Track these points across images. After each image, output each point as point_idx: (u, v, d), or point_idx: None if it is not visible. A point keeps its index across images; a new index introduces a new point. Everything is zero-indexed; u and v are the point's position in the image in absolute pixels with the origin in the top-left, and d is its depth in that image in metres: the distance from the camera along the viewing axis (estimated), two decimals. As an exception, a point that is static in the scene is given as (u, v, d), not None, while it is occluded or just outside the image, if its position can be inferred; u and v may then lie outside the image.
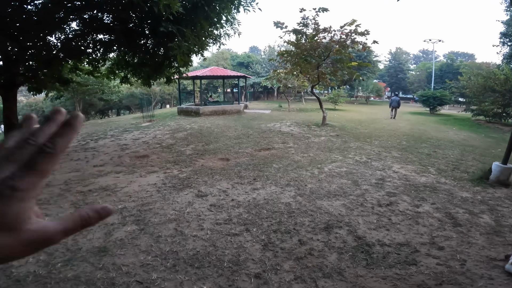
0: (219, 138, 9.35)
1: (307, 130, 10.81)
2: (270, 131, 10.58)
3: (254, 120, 13.78)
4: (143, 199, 4.46)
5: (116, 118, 22.14)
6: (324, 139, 9.10)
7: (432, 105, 22.58)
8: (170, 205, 4.25)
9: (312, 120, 13.59)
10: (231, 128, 11.41)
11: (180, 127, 12.35)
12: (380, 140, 9.28)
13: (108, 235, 3.60)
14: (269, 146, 8.09)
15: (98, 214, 0.30)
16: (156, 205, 4.27)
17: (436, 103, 22.45)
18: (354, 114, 19.25)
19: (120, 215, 4.02)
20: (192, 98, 23.27)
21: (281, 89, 20.34)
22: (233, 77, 17.95)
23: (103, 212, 0.31)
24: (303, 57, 10.60)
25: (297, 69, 11.65)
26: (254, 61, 37.28)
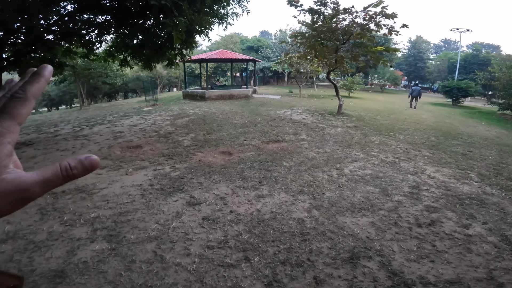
0: (223, 126, 8.43)
1: (321, 119, 9.74)
2: (280, 119, 9.57)
3: (262, 106, 12.75)
4: (122, 206, 3.64)
5: (121, 102, 21.46)
6: (341, 131, 8.05)
7: (456, 96, 20.93)
8: (154, 216, 3.42)
9: (326, 108, 12.45)
10: (237, 114, 10.45)
11: (182, 112, 11.46)
12: (405, 135, 8.16)
13: (71, 254, 2.82)
14: (278, 137, 7.13)
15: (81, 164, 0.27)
16: (137, 215, 3.44)
17: (460, 95, 20.80)
18: (371, 102, 17.90)
19: (91, 227, 3.23)
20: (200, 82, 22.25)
21: (292, 74, 19.03)
22: (242, 61, 16.74)
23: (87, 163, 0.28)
24: (319, 40, 9.38)
25: (312, 53, 10.44)
26: (264, 45, 35.56)
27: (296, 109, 11.78)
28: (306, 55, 10.88)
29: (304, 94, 19.84)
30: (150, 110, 12.97)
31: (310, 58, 11.14)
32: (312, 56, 10.76)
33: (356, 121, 9.65)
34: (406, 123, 10.08)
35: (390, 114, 12.38)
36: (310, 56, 10.78)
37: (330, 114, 10.71)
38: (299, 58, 11.48)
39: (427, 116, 12.89)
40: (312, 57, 10.80)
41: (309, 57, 10.72)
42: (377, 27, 8.88)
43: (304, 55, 10.98)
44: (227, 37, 36.48)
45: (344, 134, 7.67)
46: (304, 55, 10.92)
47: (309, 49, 10.28)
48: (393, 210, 3.73)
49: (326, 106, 13.17)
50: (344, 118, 9.97)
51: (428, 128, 9.56)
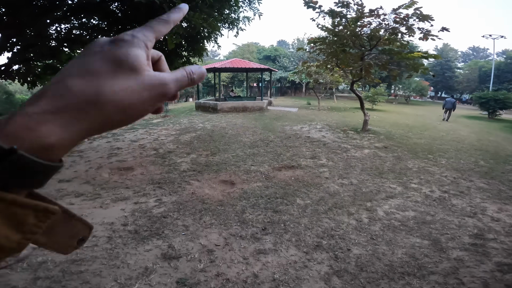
0: (231, 145, 7.46)
1: (344, 137, 8.52)
2: (296, 136, 8.46)
3: (277, 120, 11.71)
4: (79, 251, 2.70)
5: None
6: (369, 153, 6.80)
7: (492, 108, 18.87)
8: (114, 271, 2.45)
9: (348, 123, 11.19)
10: (249, 130, 9.47)
11: (191, 126, 10.67)
12: (448, 158, 6.77)
13: None
14: (293, 161, 6.02)
15: (199, 70, 0.31)
16: (93, 266, 2.50)
17: (497, 107, 18.75)
18: (397, 116, 16.33)
19: (32, 274, 2.34)
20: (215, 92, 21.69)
21: (311, 85, 17.94)
22: (256, 70, 15.93)
23: (202, 71, 0.32)
24: (341, 46, 8.29)
25: (333, 62, 9.35)
26: (282, 54, 34.86)
27: (314, 124, 10.62)
28: (326, 64, 9.79)
29: (323, 106, 18.61)
30: (159, 122, 12.34)
31: (330, 67, 10.03)
32: (333, 65, 9.65)
33: (385, 139, 8.32)
34: (444, 142, 8.61)
35: (423, 130, 10.88)
36: (330, 64, 9.68)
37: (354, 130, 9.44)
38: (318, 67, 10.40)
39: (466, 132, 11.24)
40: (333, 66, 9.69)
41: (329, 66, 9.62)
42: (409, 31, 7.67)
43: (323, 64, 9.89)
44: (244, 46, 36.25)
45: (372, 158, 6.41)
46: (323, 63, 9.84)
47: (329, 57, 9.20)
48: (452, 274, 2.53)
49: (348, 121, 11.90)
50: (371, 136, 8.67)
51: (471, 148, 8.06)
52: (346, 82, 16.71)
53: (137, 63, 0.26)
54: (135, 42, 0.27)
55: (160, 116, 14.17)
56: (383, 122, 12.16)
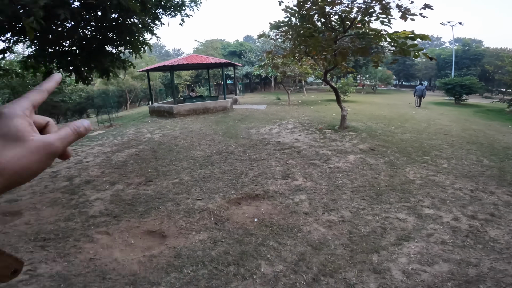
0: (177, 164, 5.63)
1: (321, 139, 7.05)
2: (263, 143, 6.83)
3: (243, 121, 10.01)
4: None
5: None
6: (356, 161, 5.36)
7: (459, 94, 18.90)
8: None
9: (323, 119, 9.82)
10: (206, 138, 7.67)
11: (135, 138, 8.60)
12: (447, 158, 5.56)
13: None
14: (257, 186, 4.37)
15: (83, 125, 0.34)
16: None
17: (463, 92, 18.78)
18: (370, 106, 15.44)
19: None
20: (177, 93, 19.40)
21: (279, 79, 16.47)
22: (217, 66, 14.07)
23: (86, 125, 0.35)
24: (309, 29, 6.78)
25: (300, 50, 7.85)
26: (247, 49, 33.09)
27: (285, 124, 9.08)
28: (293, 53, 8.25)
29: (293, 100, 17.26)
30: (97, 135, 10.05)
31: (298, 57, 8.52)
32: (302, 54, 8.15)
33: (368, 138, 7.00)
34: (432, 136, 7.52)
35: (403, 121, 9.85)
36: (298, 53, 8.16)
37: (331, 128, 8.04)
38: (285, 57, 8.84)
39: (445, 121, 10.43)
40: (301, 55, 8.19)
41: (297, 55, 8.10)
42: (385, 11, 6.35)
43: (290, 53, 8.34)
44: (207, 42, 33.90)
45: (362, 168, 4.96)
46: (290, 52, 8.29)
47: (296, 44, 7.67)
48: None
49: (323, 116, 10.55)
50: (352, 135, 7.31)
51: (463, 142, 7.02)
52: (316, 73, 15.45)
53: (20, 133, 0.29)
54: (13, 113, 0.29)
55: (104, 127, 11.81)
56: (359, 115, 11.00)
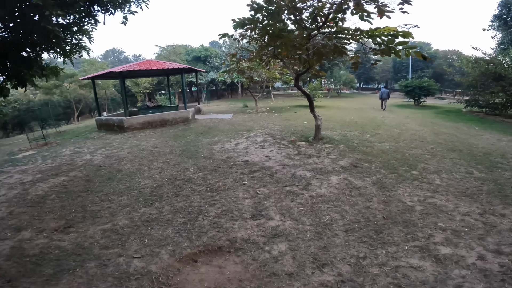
0: (114, 199, 4.27)
1: (295, 154, 6.13)
2: (229, 164, 5.70)
3: (206, 134, 8.78)
4: None
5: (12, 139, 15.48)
6: (339, 184, 4.47)
7: (418, 96, 19.68)
8: None
9: (294, 128, 8.98)
10: (160, 158, 6.34)
11: (70, 160, 6.93)
12: (436, 172, 4.93)
13: None
14: (220, 232, 3.25)
15: None
16: None
17: (422, 94, 19.58)
18: (339, 112, 15.14)
19: None
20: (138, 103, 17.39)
21: (245, 84, 15.52)
22: (175, 72, 12.67)
23: None
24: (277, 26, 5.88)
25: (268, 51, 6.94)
26: (213, 54, 31.81)
27: (253, 136, 8.05)
28: (260, 55, 7.30)
29: (261, 108, 16.41)
30: (26, 157, 8.11)
31: (265, 60, 7.58)
32: (269, 57, 7.23)
33: (347, 151, 6.22)
34: (410, 144, 7.02)
35: (376, 127, 9.40)
36: (266, 56, 7.23)
37: (305, 140, 7.17)
38: (251, 61, 7.85)
39: (414, 125, 10.25)
40: (268, 58, 7.26)
41: (264, 58, 7.15)
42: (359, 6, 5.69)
43: (257, 55, 7.38)
44: (169, 47, 31.94)
45: (349, 194, 4.07)
46: (257, 54, 7.32)
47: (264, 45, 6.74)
48: None
49: (293, 125, 9.72)
50: (328, 148, 6.49)
51: (442, 148, 6.60)
52: (284, 78, 14.77)
53: None
54: None
55: (37, 145, 9.74)
56: (331, 122, 10.40)
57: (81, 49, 7.10)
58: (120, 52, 68.00)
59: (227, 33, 7.20)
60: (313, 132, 7.74)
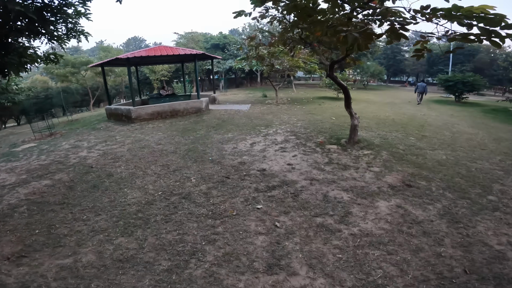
0: (90, 219, 3.30)
1: (326, 163, 4.88)
2: (240, 173, 4.58)
3: (218, 128, 7.70)
4: None
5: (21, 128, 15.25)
6: (392, 214, 3.20)
7: (460, 91, 17.41)
8: None
9: (321, 125, 7.64)
10: (160, 159, 5.35)
11: (64, 157, 6.15)
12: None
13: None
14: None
15: None
16: None
17: (465, 90, 17.30)
18: (370, 106, 13.48)
19: None
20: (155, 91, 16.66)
21: (265, 73, 14.18)
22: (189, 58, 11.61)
23: None
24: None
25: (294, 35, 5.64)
26: (232, 41, 30.46)
27: (273, 134, 6.85)
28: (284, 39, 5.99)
29: (281, 98, 15.06)
30: (26, 149, 7.50)
31: (289, 45, 6.25)
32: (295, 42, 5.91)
33: (393, 162, 4.86)
34: (473, 154, 5.50)
35: (419, 128, 7.85)
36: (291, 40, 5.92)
37: (337, 143, 5.85)
38: (272, 45, 6.55)
39: (466, 127, 8.55)
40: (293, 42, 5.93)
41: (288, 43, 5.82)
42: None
43: (279, 39, 6.07)
44: (187, 34, 30.95)
45: (408, 233, 2.79)
46: (279, 38, 6.02)
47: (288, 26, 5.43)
48: None
49: (319, 121, 8.37)
50: (368, 155, 5.16)
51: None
52: (309, 67, 13.24)
53: None
54: None
55: (42, 136, 9.15)
56: (364, 118, 8.92)
57: (78, 33, 6.27)
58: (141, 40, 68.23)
59: (243, 11, 5.94)
60: (344, 132, 6.42)
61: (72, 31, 6.50)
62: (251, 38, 6.56)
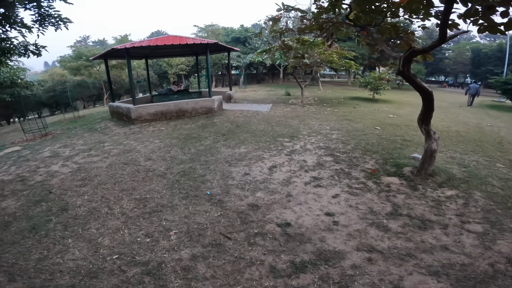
0: (15, 278, 1.76)
1: (389, 216, 3.06)
2: (250, 230, 2.89)
3: (228, 138, 6.05)
4: None
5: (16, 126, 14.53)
6: None
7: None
8: None
9: (366, 140, 5.72)
10: (140, 188, 3.81)
11: (33, 170, 4.84)
12: None
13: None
14: None
15: None
16: None
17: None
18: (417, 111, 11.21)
19: None
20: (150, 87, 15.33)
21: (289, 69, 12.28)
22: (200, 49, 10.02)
23: None
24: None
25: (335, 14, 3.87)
26: (253, 35, 28.62)
27: (299, 152, 5.07)
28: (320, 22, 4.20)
29: (307, 98, 13.15)
30: (7, 154, 6.35)
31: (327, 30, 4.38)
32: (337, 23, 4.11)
33: (498, 212, 2.94)
34: None
35: (500, 147, 5.71)
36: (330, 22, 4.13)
37: (396, 173, 3.97)
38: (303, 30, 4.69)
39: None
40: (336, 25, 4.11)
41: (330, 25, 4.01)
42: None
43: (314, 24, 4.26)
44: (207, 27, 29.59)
45: None
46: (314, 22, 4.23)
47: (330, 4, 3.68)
48: None
49: (361, 132, 6.44)
50: (453, 199, 3.25)
51: None
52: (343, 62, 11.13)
53: None
54: None
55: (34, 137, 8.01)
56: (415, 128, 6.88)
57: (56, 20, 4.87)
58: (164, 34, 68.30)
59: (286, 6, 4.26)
60: (401, 151, 4.54)
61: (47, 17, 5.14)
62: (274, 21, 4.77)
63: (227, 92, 11.38)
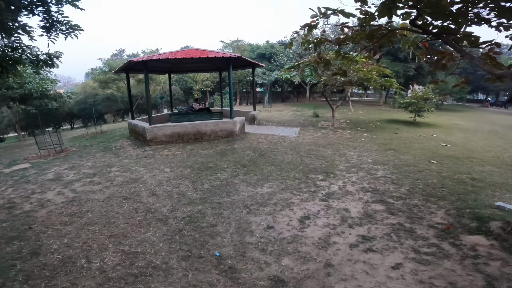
0: None
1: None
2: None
3: (250, 171, 5.11)
4: None
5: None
6: None
7: None
8: None
9: (422, 178, 4.48)
10: (137, 231, 2.96)
11: (29, 195, 4.24)
12: None
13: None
14: None
15: None
16: None
17: None
18: (470, 137, 9.62)
19: None
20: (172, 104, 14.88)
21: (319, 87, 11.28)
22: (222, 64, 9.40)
23: None
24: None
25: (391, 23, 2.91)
26: (279, 51, 28.29)
27: (338, 195, 3.98)
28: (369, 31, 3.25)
29: (338, 120, 11.98)
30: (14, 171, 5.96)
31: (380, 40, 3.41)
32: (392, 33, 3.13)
33: None
34: None
35: None
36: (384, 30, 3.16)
37: (480, 230, 2.77)
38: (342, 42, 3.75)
39: None
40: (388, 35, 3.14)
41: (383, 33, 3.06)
42: None
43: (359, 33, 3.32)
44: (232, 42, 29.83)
45: None
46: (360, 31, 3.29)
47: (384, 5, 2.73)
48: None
49: (413, 166, 5.19)
50: None
51: None
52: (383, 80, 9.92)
53: None
54: None
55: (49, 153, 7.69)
56: (479, 162, 5.47)
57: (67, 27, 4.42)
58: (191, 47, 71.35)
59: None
60: (476, 195, 3.34)
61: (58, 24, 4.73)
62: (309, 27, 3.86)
63: (251, 113, 10.62)
